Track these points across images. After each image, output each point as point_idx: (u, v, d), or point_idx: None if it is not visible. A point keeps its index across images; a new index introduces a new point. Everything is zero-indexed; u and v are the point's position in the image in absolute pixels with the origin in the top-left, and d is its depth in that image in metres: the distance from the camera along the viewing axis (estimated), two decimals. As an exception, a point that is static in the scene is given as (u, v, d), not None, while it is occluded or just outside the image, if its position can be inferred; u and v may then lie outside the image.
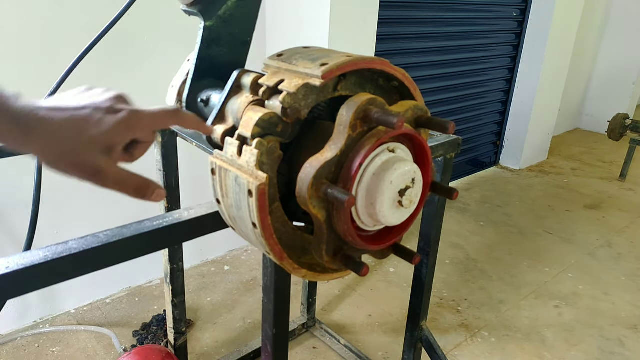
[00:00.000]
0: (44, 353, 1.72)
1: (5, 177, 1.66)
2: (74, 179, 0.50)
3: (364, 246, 0.62)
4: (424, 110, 0.65)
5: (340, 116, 0.57)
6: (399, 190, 0.59)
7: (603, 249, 2.65)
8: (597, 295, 2.22)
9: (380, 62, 0.62)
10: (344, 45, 2.06)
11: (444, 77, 3.12)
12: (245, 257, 2.42)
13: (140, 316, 1.94)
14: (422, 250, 1.35)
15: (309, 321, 1.92)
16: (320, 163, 0.55)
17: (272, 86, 0.60)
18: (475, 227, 2.84)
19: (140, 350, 1.43)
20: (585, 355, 1.84)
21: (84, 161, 0.48)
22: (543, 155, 4.05)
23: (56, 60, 1.59)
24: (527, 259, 2.50)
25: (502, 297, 2.18)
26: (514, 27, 3.49)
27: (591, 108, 5.01)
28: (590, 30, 4.53)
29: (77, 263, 0.61)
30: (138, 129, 0.52)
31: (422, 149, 0.64)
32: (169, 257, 1.44)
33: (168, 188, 1.37)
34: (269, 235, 0.58)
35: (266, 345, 1.07)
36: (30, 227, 0.91)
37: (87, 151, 0.48)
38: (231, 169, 0.59)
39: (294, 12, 2.09)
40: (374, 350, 1.82)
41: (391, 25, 2.60)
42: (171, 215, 0.71)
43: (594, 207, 3.18)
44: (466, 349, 1.85)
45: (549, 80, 3.65)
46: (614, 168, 3.89)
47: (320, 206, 0.57)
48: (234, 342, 1.84)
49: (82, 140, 0.48)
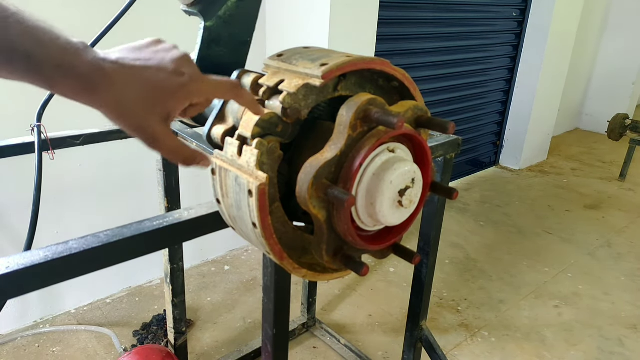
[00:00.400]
0: (44, 353, 1.72)
1: (5, 177, 1.66)
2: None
3: (364, 246, 0.62)
4: (424, 110, 0.65)
5: (340, 116, 0.57)
6: (399, 190, 0.59)
7: (603, 249, 2.65)
8: (596, 295, 2.22)
9: (381, 62, 0.62)
10: (344, 46, 2.06)
11: (444, 78, 3.12)
12: (245, 257, 2.42)
13: (140, 316, 1.94)
14: (422, 250, 1.35)
15: (309, 321, 1.92)
16: (320, 163, 0.55)
17: (272, 86, 0.61)
18: (475, 227, 2.84)
19: (140, 350, 1.43)
20: (585, 355, 1.84)
21: (143, 126, 0.48)
22: (543, 155, 4.05)
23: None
24: (526, 259, 2.50)
25: (502, 297, 2.18)
26: (513, 27, 3.49)
27: (591, 108, 5.02)
28: (590, 30, 4.53)
29: (77, 263, 0.61)
30: (197, 95, 0.52)
31: (422, 149, 0.64)
32: (169, 257, 1.44)
33: (168, 188, 1.37)
34: (269, 235, 0.58)
35: (266, 345, 1.07)
36: (30, 227, 0.91)
37: (146, 117, 0.48)
38: (231, 169, 0.59)
39: (294, 13, 2.09)
40: (374, 350, 1.82)
41: (391, 26, 2.60)
42: (171, 215, 0.71)
43: (594, 207, 3.19)
44: (466, 349, 1.85)
45: (549, 80, 3.65)
46: (614, 168, 3.89)
47: (320, 206, 0.57)
48: (234, 342, 1.84)
49: (143, 106, 0.48)
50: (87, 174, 1.85)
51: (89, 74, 0.44)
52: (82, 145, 1.16)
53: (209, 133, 0.72)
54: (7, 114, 1.59)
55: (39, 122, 1.02)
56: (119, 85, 0.46)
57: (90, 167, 1.84)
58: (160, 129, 0.49)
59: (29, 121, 1.05)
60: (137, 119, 0.48)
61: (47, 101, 1.02)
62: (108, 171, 1.90)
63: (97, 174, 1.88)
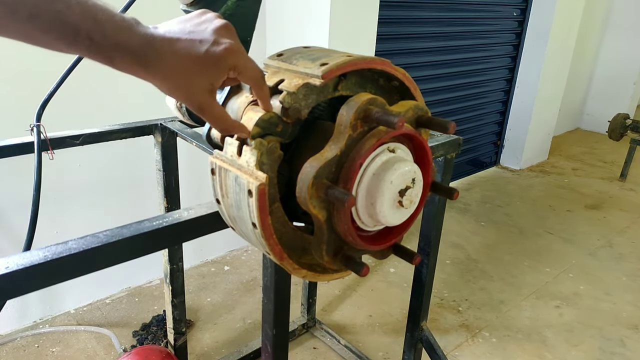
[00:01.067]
0: (44, 353, 1.72)
1: (5, 177, 1.66)
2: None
3: (364, 246, 0.62)
4: (424, 110, 0.64)
5: (340, 116, 0.57)
6: (399, 190, 0.58)
7: (604, 249, 2.64)
8: (598, 296, 2.22)
9: (381, 62, 0.62)
10: (344, 45, 2.06)
11: (444, 77, 3.12)
12: (245, 257, 2.42)
13: (140, 316, 1.94)
14: (423, 250, 1.35)
15: (309, 321, 1.92)
16: (320, 163, 0.55)
17: (272, 86, 0.60)
18: (476, 227, 2.84)
19: (140, 351, 1.43)
20: (586, 355, 1.84)
21: (189, 98, 0.52)
22: (544, 155, 4.04)
23: (57, 59, 1.59)
24: (527, 259, 2.50)
25: (502, 297, 2.18)
26: (514, 27, 3.49)
27: (592, 108, 5.01)
28: (590, 30, 4.53)
29: (77, 263, 0.61)
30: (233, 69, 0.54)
31: (422, 149, 0.63)
32: (169, 257, 1.44)
33: (167, 188, 1.37)
34: (269, 235, 0.58)
35: (266, 346, 1.06)
36: (30, 227, 0.91)
37: (191, 89, 0.52)
38: (231, 169, 0.59)
39: (294, 12, 2.08)
40: (374, 351, 1.82)
41: (391, 25, 2.60)
42: (171, 215, 0.71)
43: (595, 207, 3.18)
44: (467, 350, 1.85)
45: (550, 80, 3.65)
46: (615, 168, 3.89)
47: (320, 206, 0.57)
48: (234, 342, 1.84)
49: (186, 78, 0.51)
50: (86, 174, 1.84)
51: (142, 50, 0.47)
52: (81, 145, 1.16)
53: (209, 133, 0.72)
54: (7, 113, 1.59)
55: (38, 122, 1.02)
56: (166, 59, 0.49)
57: (90, 167, 1.84)
58: (205, 99, 0.53)
59: (28, 121, 1.05)
60: (184, 92, 0.52)
61: (47, 101, 1.01)
62: (107, 171, 1.90)
63: (97, 174, 1.87)
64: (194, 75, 0.51)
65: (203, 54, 0.51)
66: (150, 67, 0.49)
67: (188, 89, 0.51)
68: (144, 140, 1.35)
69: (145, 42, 0.48)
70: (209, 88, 0.52)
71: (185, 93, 0.52)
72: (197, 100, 0.53)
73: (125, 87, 1.80)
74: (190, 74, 0.51)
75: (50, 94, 1.01)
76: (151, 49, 0.48)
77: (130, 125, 1.26)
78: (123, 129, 1.24)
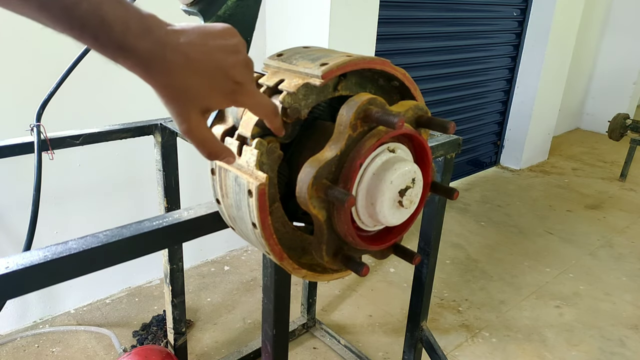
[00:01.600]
0: (44, 353, 1.72)
1: (5, 177, 1.66)
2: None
3: (364, 246, 0.62)
4: (424, 110, 0.64)
5: (340, 116, 0.57)
6: (399, 190, 0.58)
7: (604, 249, 2.64)
8: (598, 296, 2.22)
9: (381, 62, 0.62)
10: (344, 45, 2.06)
11: (444, 77, 3.12)
12: (245, 257, 2.42)
13: (140, 316, 1.94)
14: (423, 250, 1.35)
15: (309, 321, 1.92)
16: (320, 163, 0.55)
17: (272, 86, 0.60)
18: (476, 227, 2.84)
19: (140, 351, 1.43)
20: (586, 355, 1.84)
21: (181, 115, 0.50)
22: (543, 155, 4.04)
23: (57, 58, 1.59)
24: (527, 259, 2.50)
25: (502, 297, 2.18)
26: (514, 26, 3.49)
27: (592, 108, 5.01)
28: (590, 30, 4.53)
29: (76, 263, 0.61)
30: (240, 105, 0.54)
31: (422, 149, 0.63)
32: (169, 257, 1.44)
33: (168, 188, 1.37)
34: (269, 235, 0.58)
35: (266, 346, 1.06)
36: (29, 227, 0.91)
37: (186, 108, 0.50)
38: (231, 169, 0.59)
39: (294, 12, 2.08)
40: (374, 351, 1.82)
41: (391, 25, 2.60)
42: (171, 215, 0.71)
43: (595, 207, 3.18)
44: (467, 350, 1.85)
45: (550, 80, 3.65)
46: (615, 168, 3.89)
47: (320, 206, 0.57)
48: (234, 342, 1.84)
49: (186, 97, 0.49)
50: (86, 174, 1.84)
51: (149, 55, 0.46)
52: (81, 145, 1.16)
53: (209, 133, 0.72)
54: (7, 113, 1.59)
55: (38, 122, 1.02)
56: (174, 73, 0.48)
57: (90, 167, 1.84)
58: (195, 120, 0.51)
59: (28, 121, 1.05)
60: (178, 107, 0.50)
61: (47, 101, 1.01)
62: (107, 171, 1.90)
63: (97, 174, 1.87)
64: (193, 97, 0.49)
65: (216, 82, 0.50)
66: (153, 75, 0.48)
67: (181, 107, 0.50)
68: (144, 140, 1.35)
69: (155, 49, 0.47)
70: (203, 110, 0.51)
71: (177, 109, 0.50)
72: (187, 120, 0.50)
73: (126, 87, 1.80)
74: (190, 95, 0.49)
75: (50, 94, 1.01)
76: (160, 56, 0.47)
77: (130, 125, 1.26)
78: (123, 129, 1.24)
